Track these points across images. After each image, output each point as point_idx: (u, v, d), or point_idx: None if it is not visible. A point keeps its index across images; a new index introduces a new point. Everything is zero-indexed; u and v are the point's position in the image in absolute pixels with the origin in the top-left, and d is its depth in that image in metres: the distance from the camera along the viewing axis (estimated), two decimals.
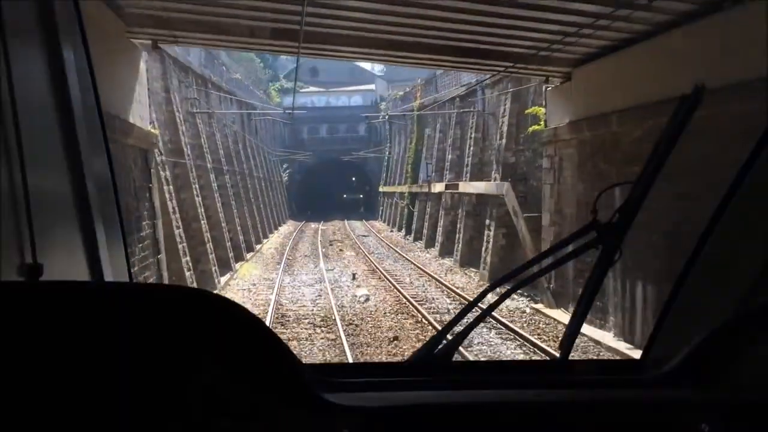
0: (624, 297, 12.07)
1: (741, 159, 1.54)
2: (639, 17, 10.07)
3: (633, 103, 11.32)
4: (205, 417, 0.97)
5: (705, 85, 1.49)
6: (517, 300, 16.67)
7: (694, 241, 1.60)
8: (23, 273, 1.39)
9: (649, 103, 10.30)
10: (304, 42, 11.72)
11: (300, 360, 1.09)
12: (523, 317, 15.33)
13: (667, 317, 1.62)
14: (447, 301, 17.55)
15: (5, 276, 1.32)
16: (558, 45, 11.99)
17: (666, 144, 1.49)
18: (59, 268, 1.58)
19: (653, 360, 1.46)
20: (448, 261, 25.18)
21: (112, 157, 1.93)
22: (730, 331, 1.28)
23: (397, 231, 39.39)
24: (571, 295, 14.40)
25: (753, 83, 7.25)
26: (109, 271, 1.77)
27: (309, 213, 53.79)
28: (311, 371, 1.22)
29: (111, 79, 10.47)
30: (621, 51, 11.93)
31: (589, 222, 1.52)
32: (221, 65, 30.82)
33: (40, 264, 1.40)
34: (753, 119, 2.32)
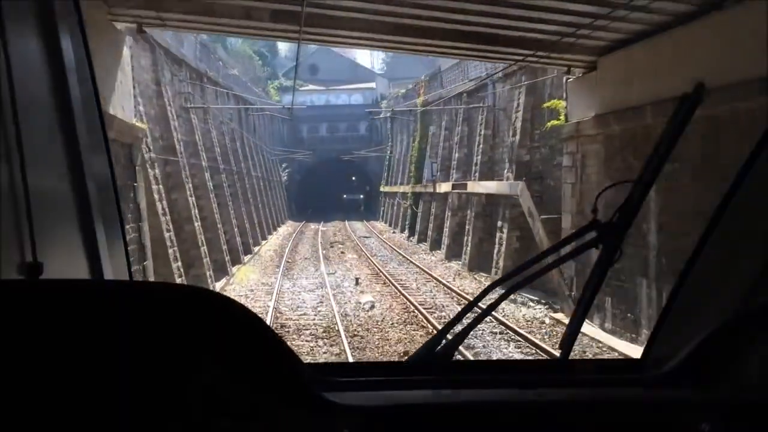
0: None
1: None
2: None
3: (671, 94, 10.16)
4: (205, 417, 0.97)
5: (705, 84, 1.49)
6: (534, 308, 15.50)
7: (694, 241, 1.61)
8: (23, 272, 1.38)
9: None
10: (305, 26, 10.67)
11: (300, 359, 1.08)
12: (543, 328, 14.13)
13: (668, 317, 1.61)
14: (458, 309, 16.36)
15: (5, 275, 1.31)
16: (585, 30, 10.87)
17: (667, 144, 1.49)
18: (59, 266, 1.56)
19: (654, 359, 1.47)
20: (455, 264, 24.00)
21: (112, 157, 1.93)
22: (730, 331, 1.31)
23: (400, 232, 38.39)
24: (595, 303, 13.23)
25: None
26: (109, 270, 1.76)
27: (309, 213, 53.06)
28: (311, 371, 1.24)
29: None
30: (656, 36, 10.81)
31: (590, 221, 1.51)
32: (218, 60, 29.57)
33: (40, 263, 1.39)
34: None
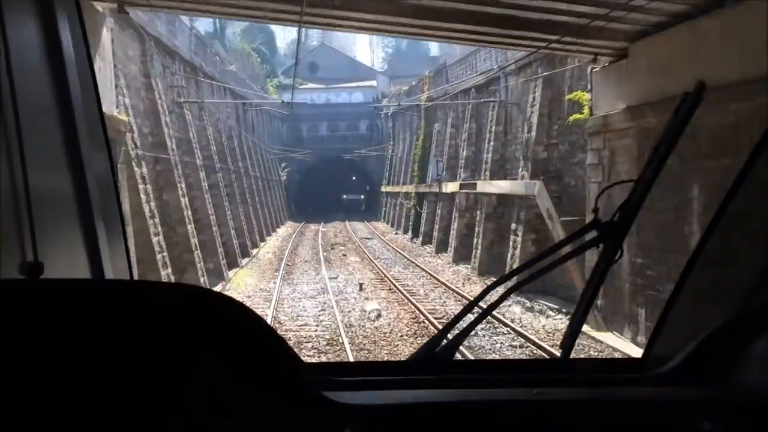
0: None
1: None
2: None
3: (720, 81, 8.97)
4: (205, 417, 0.96)
5: (706, 83, 1.46)
6: (555, 318, 14.30)
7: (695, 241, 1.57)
8: (24, 271, 1.37)
9: (745, 81, 8.35)
10: (308, 6, 9.47)
11: (301, 359, 1.08)
12: None
13: (668, 316, 1.60)
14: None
15: (6, 274, 1.32)
16: (618, 12, 9.69)
17: (667, 142, 1.48)
18: (60, 266, 1.55)
19: (654, 359, 1.48)
20: (463, 268, 22.79)
21: (113, 156, 1.91)
22: (730, 331, 1.31)
23: (403, 233, 37.18)
24: (628, 315, 12.04)
25: None
26: (110, 269, 1.75)
27: (309, 213, 51.80)
28: (311, 370, 1.24)
29: None
30: (702, 17, 9.61)
31: (591, 221, 1.51)
32: (215, 54, 28.35)
33: (40, 262, 1.39)
34: None
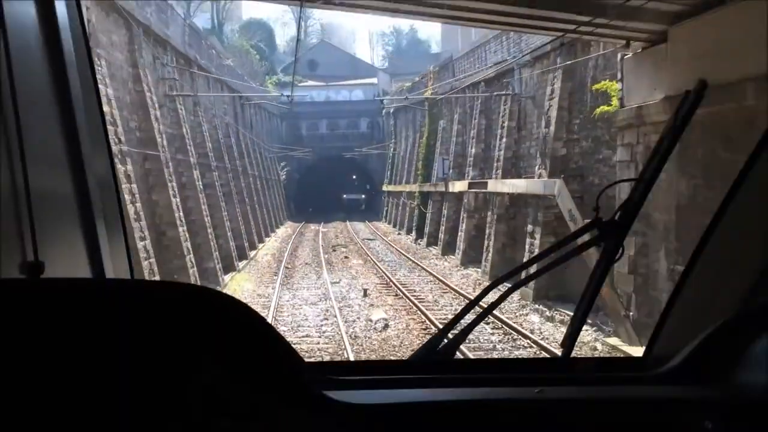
0: None
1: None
2: None
3: None
4: (205, 417, 0.96)
5: (707, 82, 1.46)
6: (583, 331, 13.07)
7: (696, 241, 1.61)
8: (24, 270, 1.37)
9: None
10: None
11: (302, 358, 1.07)
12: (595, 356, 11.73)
13: (670, 315, 1.61)
14: (487, 331, 13.93)
15: (6, 273, 1.31)
16: None
17: (668, 141, 1.48)
18: (60, 265, 1.55)
19: (655, 358, 1.48)
20: (473, 272, 21.57)
21: (113, 155, 1.92)
22: (731, 330, 1.31)
23: (406, 234, 35.95)
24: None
25: None
26: (110, 269, 1.74)
27: (308, 213, 50.61)
28: (312, 369, 1.22)
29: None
30: None
31: (591, 219, 1.51)
32: (210, 47, 27.12)
33: (41, 262, 1.38)
34: None
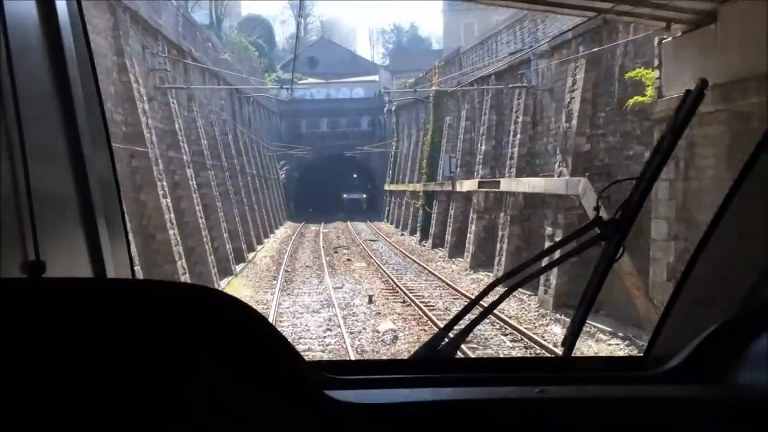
0: None
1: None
2: None
3: None
4: (206, 417, 0.96)
5: (708, 81, 1.45)
6: (609, 343, 11.88)
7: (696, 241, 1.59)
8: (26, 270, 1.36)
9: None
10: None
11: (302, 357, 1.07)
12: None
13: (670, 315, 1.61)
14: (507, 344, 12.72)
15: (8, 273, 1.30)
16: None
17: (669, 140, 1.47)
18: (62, 265, 1.56)
19: (655, 357, 1.48)
20: (484, 276, 20.35)
21: (114, 155, 1.94)
22: (731, 330, 1.31)
23: (409, 235, 34.78)
24: None
25: None
26: (112, 268, 1.73)
27: (309, 213, 49.48)
28: (312, 369, 1.24)
29: None
30: None
31: (592, 219, 1.52)
32: (206, 40, 25.91)
33: (42, 261, 1.38)
34: None
